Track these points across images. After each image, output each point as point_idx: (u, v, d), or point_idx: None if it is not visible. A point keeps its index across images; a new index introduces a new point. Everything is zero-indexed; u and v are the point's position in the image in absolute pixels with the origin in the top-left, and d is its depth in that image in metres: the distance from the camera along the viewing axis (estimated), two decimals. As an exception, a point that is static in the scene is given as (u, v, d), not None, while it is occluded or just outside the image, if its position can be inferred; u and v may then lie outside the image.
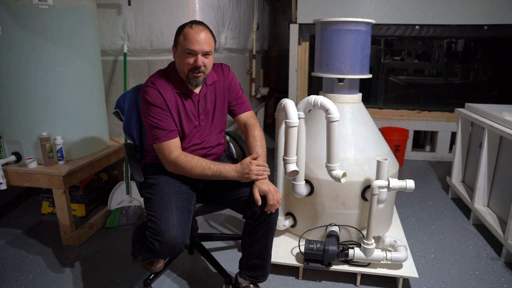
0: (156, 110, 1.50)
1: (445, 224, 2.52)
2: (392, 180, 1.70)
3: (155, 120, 1.50)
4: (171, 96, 1.53)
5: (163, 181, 1.54)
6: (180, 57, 1.49)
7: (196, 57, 1.46)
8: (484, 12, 3.48)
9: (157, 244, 1.36)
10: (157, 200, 1.47)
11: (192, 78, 1.51)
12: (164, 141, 1.51)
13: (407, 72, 4.27)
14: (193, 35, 1.43)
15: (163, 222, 1.38)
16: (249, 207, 1.52)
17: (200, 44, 1.44)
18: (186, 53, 1.46)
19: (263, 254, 1.61)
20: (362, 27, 1.93)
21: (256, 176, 1.50)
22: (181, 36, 1.46)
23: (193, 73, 1.49)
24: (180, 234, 1.39)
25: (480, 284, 1.88)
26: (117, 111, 1.84)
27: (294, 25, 3.77)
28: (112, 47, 2.78)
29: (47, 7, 1.97)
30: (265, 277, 1.68)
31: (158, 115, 1.50)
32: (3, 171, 2.07)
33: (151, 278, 1.81)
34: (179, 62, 1.51)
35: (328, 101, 1.71)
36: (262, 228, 1.54)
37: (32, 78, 2.03)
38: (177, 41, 1.49)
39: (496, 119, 2.33)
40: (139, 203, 2.49)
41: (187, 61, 1.47)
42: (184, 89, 1.56)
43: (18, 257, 2.08)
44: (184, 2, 2.63)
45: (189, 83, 1.54)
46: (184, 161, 1.50)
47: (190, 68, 1.48)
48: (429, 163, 3.84)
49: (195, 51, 1.45)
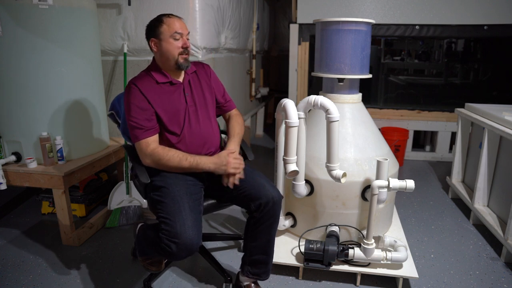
0: (136, 109, 1.55)
1: (445, 224, 2.52)
2: (392, 180, 1.70)
3: (134, 119, 1.55)
4: (154, 92, 1.59)
5: (172, 183, 1.55)
6: (167, 44, 1.57)
7: (184, 39, 1.59)
8: (484, 12, 3.48)
9: (174, 246, 1.36)
10: (169, 202, 1.47)
11: (183, 60, 1.60)
12: (142, 139, 1.55)
13: (407, 72, 4.27)
14: (175, 22, 1.57)
15: (178, 224, 1.39)
16: (253, 200, 1.57)
17: (183, 28, 1.59)
18: (174, 38, 1.56)
19: (266, 249, 1.65)
20: (362, 27, 1.93)
21: (234, 170, 1.56)
22: (163, 26, 1.56)
23: (183, 55, 1.59)
24: (196, 235, 1.41)
25: (480, 284, 1.88)
26: (112, 113, 1.82)
27: (294, 25, 3.77)
28: (112, 47, 2.78)
29: (47, 7, 1.97)
30: (267, 274, 1.70)
31: (137, 114, 1.55)
32: (3, 171, 2.07)
33: (151, 278, 1.81)
34: (166, 50, 1.57)
35: (328, 101, 1.71)
36: (266, 221, 1.59)
37: (32, 78, 2.03)
38: (157, 32, 1.57)
39: (496, 119, 2.33)
40: (139, 203, 2.49)
41: (176, 44, 1.57)
42: (167, 79, 1.63)
43: (18, 257, 2.08)
44: (184, 2, 2.63)
45: (178, 68, 1.61)
46: (161, 153, 1.54)
47: (180, 51, 1.58)
48: (429, 163, 3.84)
49: (182, 33, 1.58)
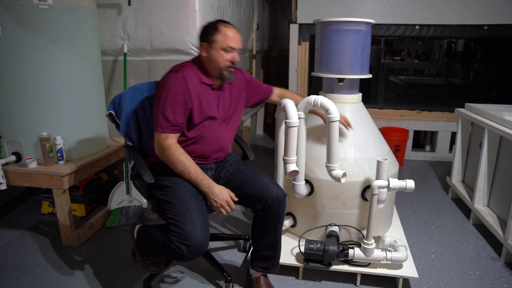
0: (173, 100, 1.53)
1: (445, 224, 2.52)
2: (392, 180, 1.70)
3: (168, 109, 1.52)
4: (197, 89, 1.58)
5: (179, 183, 1.55)
6: (217, 54, 1.56)
7: (234, 54, 1.58)
8: (484, 12, 3.48)
9: (185, 248, 1.37)
10: (178, 204, 1.47)
11: (228, 72, 1.60)
12: (165, 132, 1.54)
13: (407, 72, 4.27)
14: (232, 35, 1.56)
15: (189, 226, 1.39)
16: (258, 200, 1.59)
17: (237, 42, 1.58)
18: (225, 50, 1.55)
19: (273, 245, 1.69)
20: (362, 27, 1.93)
21: (219, 211, 1.54)
22: (219, 34, 1.54)
23: (229, 68, 1.59)
24: (205, 236, 1.42)
25: (480, 284, 1.88)
26: (111, 113, 1.79)
27: (294, 25, 3.77)
28: (112, 47, 2.78)
29: (47, 7, 1.97)
30: (276, 267, 1.75)
31: (172, 106, 1.53)
32: (3, 171, 2.07)
33: (151, 278, 1.81)
34: (214, 59, 1.57)
35: (328, 101, 1.71)
36: (271, 219, 1.62)
37: (32, 78, 2.03)
38: (211, 38, 1.55)
39: (496, 119, 2.33)
40: (139, 203, 2.49)
41: (225, 57, 1.56)
42: (210, 81, 1.63)
43: (18, 257, 2.08)
44: (184, 2, 2.63)
45: (221, 78, 1.61)
46: (173, 153, 1.53)
47: (227, 65, 1.57)
48: (429, 163, 3.84)
49: (234, 48, 1.57)
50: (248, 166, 1.75)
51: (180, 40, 2.69)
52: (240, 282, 1.87)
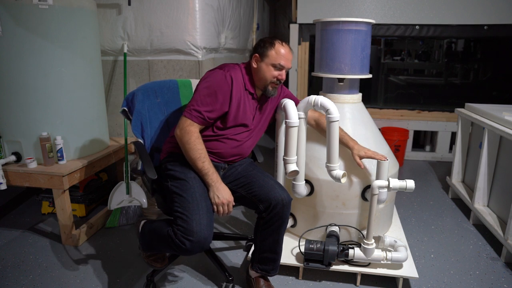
0: (212, 96, 1.55)
1: (445, 224, 2.52)
2: (392, 180, 1.70)
3: (204, 102, 1.55)
4: (239, 93, 1.62)
5: (192, 177, 1.57)
6: (266, 68, 1.61)
7: (282, 72, 1.62)
8: (484, 12, 3.48)
9: (188, 243, 1.40)
10: (189, 199, 1.49)
11: (272, 88, 1.65)
12: (191, 120, 1.55)
13: (407, 72, 4.27)
14: (286, 54, 1.61)
15: (195, 222, 1.42)
16: (262, 201, 1.60)
17: (288, 62, 1.62)
18: (275, 66, 1.60)
19: (274, 248, 1.69)
20: (362, 27, 1.93)
21: (218, 208, 1.55)
22: (273, 50, 1.59)
23: (274, 84, 1.64)
24: (209, 234, 1.45)
25: (480, 284, 1.88)
26: (125, 110, 1.84)
27: (294, 25, 3.77)
28: (112, 47, 2.78)
29: (47, 7, 1.97)
30: (276, 271, 1.75)
31: (210, 101, 1.55)
32: (3, 171, 2.07)
33: (154, 274, 1.81)
34: (262, 72, 1.62)
35: (328, 101, 1.70)
36: (275, 222, 1.62)
37: (32, 78, 2.03)
38: (265, 53, 1.60)
39: (496, 119, 2.33)
40: (139, 203, 2.49)
41: (273, 73, 1.61)
42: (252, 90, 1.67)
43: (18, 257, 2.08)
44: (184, 2, 2.63)
45: (264, 92, 1.66)
46: (192, 139, 1.54)
47: (273, 80, 1.62)
48: (429, 163, 3.84)
49: (284, 67, 1.61)
50: (256, 168, 1.77)
51: (180, 40, 2.69)
52: (241, 283, 1.87)
